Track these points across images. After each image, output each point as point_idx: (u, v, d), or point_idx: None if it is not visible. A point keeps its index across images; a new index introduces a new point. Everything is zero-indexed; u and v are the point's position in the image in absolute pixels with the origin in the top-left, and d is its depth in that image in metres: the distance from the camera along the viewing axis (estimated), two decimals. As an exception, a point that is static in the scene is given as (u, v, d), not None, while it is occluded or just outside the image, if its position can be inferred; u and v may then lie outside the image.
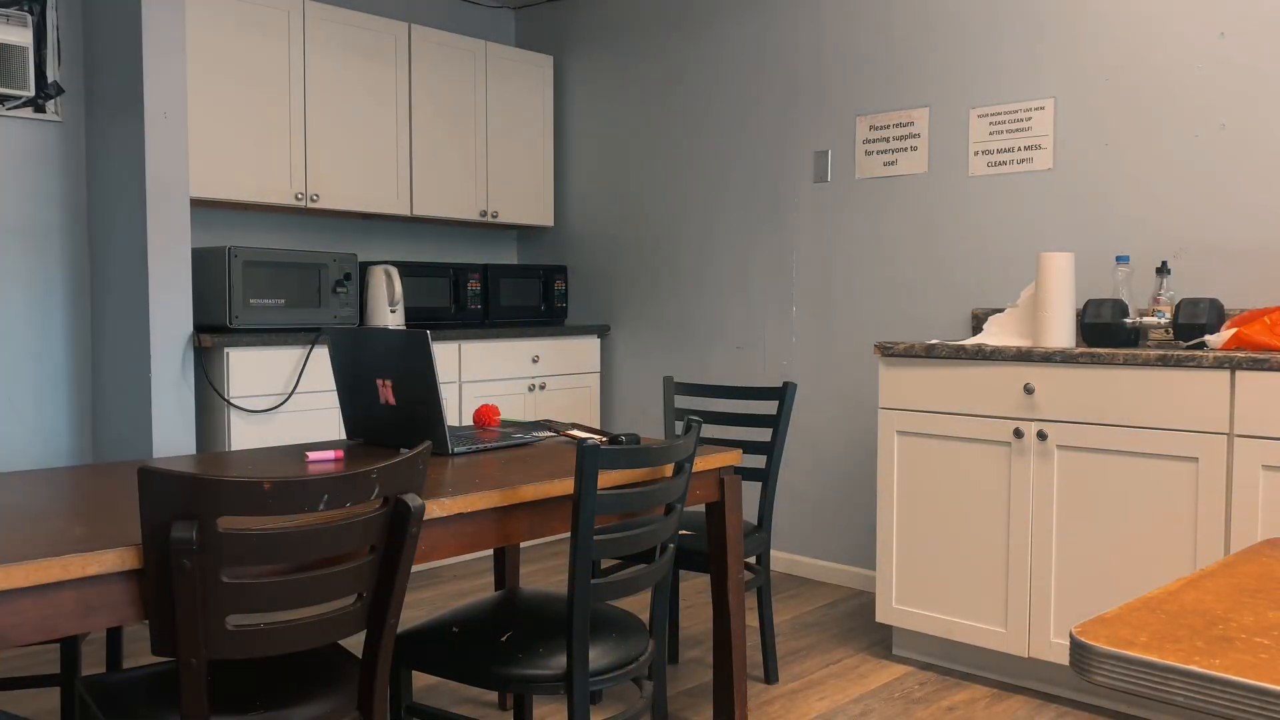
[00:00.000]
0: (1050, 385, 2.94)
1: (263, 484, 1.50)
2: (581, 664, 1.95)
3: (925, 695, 3.04)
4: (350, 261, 4.11)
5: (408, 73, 4.49)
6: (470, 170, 4.75)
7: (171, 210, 3.61)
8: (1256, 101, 3.19)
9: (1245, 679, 0.88)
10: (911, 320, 3.97)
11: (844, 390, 4.17)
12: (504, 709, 2.96)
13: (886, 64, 4.00)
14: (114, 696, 1.74)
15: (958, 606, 3.15)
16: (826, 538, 4.24)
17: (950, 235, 3.85)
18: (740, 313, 4.49)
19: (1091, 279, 3.51)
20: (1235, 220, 3.23)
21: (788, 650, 3.43)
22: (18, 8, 3.70)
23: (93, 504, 1.81)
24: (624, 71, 4.88)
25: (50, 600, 1.45)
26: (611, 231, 4.97)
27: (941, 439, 3.17)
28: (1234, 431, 2.66)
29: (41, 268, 3.81)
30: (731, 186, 4.50)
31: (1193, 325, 2.93)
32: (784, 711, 2.93)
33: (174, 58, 3.62)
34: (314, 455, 2.26)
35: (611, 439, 2.36)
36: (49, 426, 3.85)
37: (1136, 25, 3.41)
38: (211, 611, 1.52)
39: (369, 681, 1.73)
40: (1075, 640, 0.98)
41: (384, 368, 2.36)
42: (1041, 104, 3.60)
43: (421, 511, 1.67)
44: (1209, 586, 1.16)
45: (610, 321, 5.00)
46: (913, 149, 3.93)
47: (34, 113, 3.76)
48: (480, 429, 2.71)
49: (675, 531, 2.20)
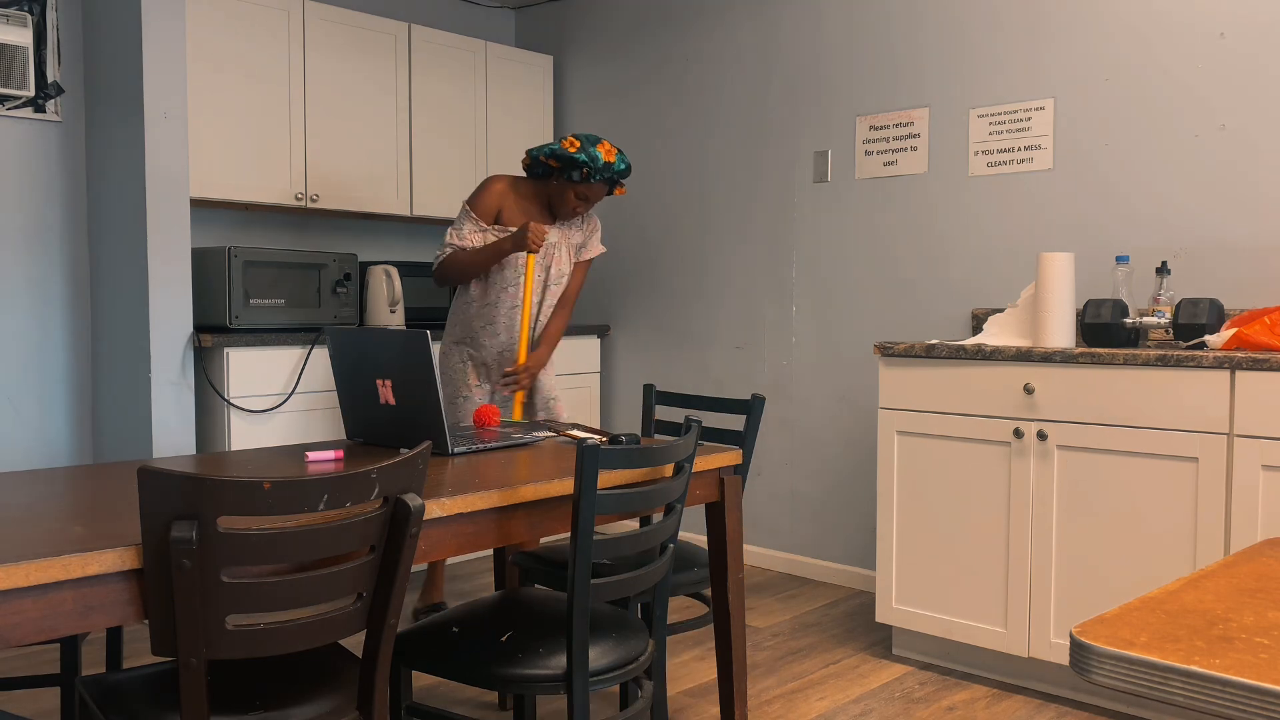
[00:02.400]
0: (1050, 385, 2.94)
1: (263, 484, 1.50)
2: (581, 664, 1.95)
3: (925, 695, 3.04)
4: (350, 261, 4.11)
5: (408, 73, 4.49)
6: (470, 170, 4.75)
7: (171, 210, 3.61)
8: (1256, 101, 3.19)
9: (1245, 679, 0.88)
10: (911, 320, 3.97)
11: (844, 390, 4.17)
12: (504, 709, 2.96)
13: (886, 64, 4.00)
14: (114, 696, 1.74)
15: (958, 606, 3.15)
16: (826, 538, 4.24)
17: (950, 235, 3.85)
18: (740, 313, 4.49)
19: (1091, 279, 3.51)
20: (1235, 220, 3.24)
21: (788, 650, 3.43)
22: (18, 8, 3.70)
23: (93, 504, 1.81)
24: (624, 71, 4.88)
25: (50, 600, 1.45)
26: (611, 231, 4.97)
27: (941, 439, 3.17)
28: (1234, 431, 2.66)
29: (42, 267, 3.81)
30: (731, 186, 4.50)
31: (1193, 325, 2.93)
32: (784, 711, 2.93)
33: (174, 58, 3.62)
34: (314, 455, 2.26)
35: (611, 439, 2.36)
36: (49, 426, 3.85)
37: (1136, 25, 3.41)
38: (211, 611, 1.52)
39: (369, 681, 1.73)
40: (1075, 640, 0.98)
41: (384, 368, 2.36)
42: (1041, 104, 3.60)
43: (421, 511, 1.67)
44: (1209, 586, 1.16)
45: (610, 321, 5.00)
46: (912, 149, 3.93)
47: (34, 113, 3.76)
48: (480, 429, 2.71)
49: (675, 531, 2.20)
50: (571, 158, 3.31)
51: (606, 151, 3.33)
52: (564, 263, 3.49)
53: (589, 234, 3.56)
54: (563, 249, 3.48)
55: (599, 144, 3.33)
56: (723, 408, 2.98)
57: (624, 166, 3.37)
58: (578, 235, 3.53)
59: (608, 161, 3.33)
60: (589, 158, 3.30)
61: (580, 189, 3.38)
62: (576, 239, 3.53)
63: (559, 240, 3.47)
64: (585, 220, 3.55)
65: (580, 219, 3.54)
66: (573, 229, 3.52)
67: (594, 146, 3.32)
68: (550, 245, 3.45)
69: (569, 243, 3.50)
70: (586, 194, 3.39)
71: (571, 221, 3.52)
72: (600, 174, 3.33)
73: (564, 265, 3.49)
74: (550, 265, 3.46)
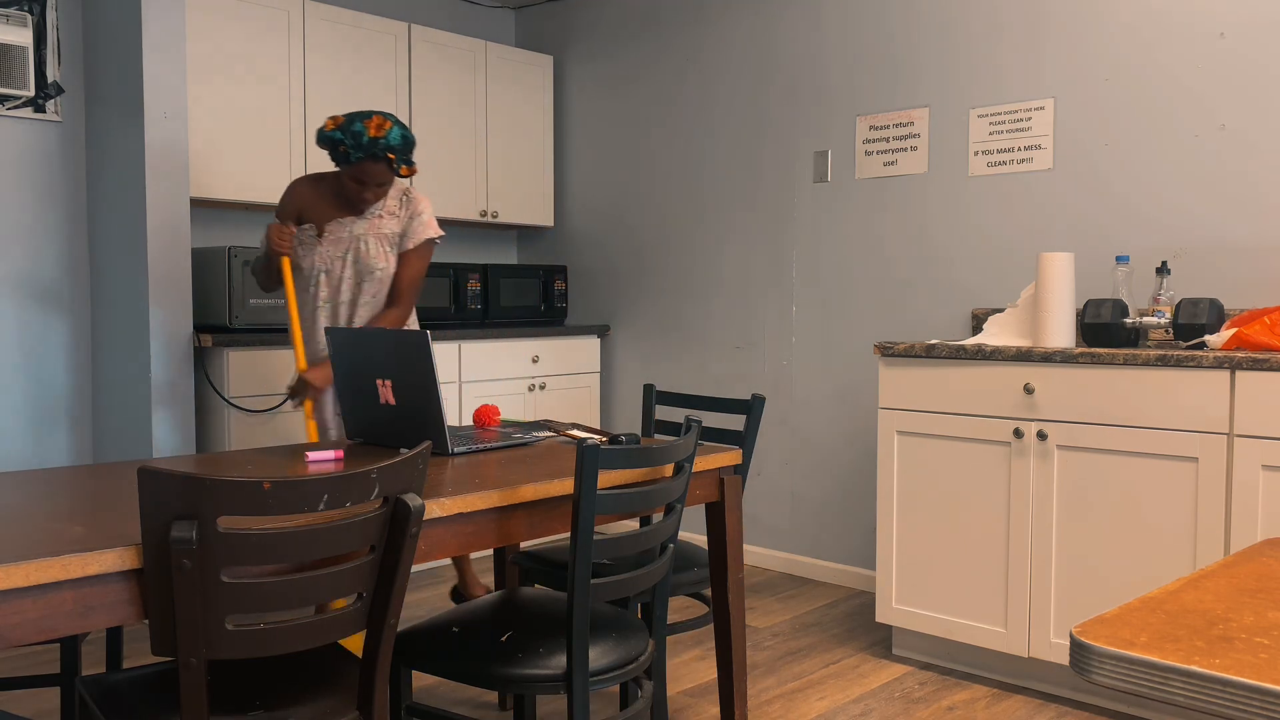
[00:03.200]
0: (1050, 385, 2.94)
1: (263, 484, 1.50)
2: (581, 664, 1.95)
3: (925, 695, 3.04)
4: (350, 261, 4.11)
5: (408, 73, 4.49)
6: (470, 170, 4.75)
7: (171, 210, 3.61)
8: (1256, 101, 3.19)
9: (1245, 679, 0.88)
10: (911, 320, 3.97)
11: (844, 390, 4.17)
12: (504, 709, 2.96)
13: (886, 64, 4.00)
14: (114, 696, 1.74)
15: (958, 606, 3.15)
16: (826, 538, 4.24)
17: (950, 235, 3.85)
18: (740, 313, 4.49)
19: (1091, 279, 3.51)
20: (1235, 220, 3.24)
21: (788, 650, 3.43)
22: (18, 8, 3.70)
23: (93, 504, 1.81)
24: (624, 71, 4.88)
25: (50, 600, 1.45)
26: (611, 231, 4.97)
27: (941, 439, 3.17)
28: (1234, 431, 2.66)
29: (41, 268, 3.81)
30: (731, 186, 4.50)
31: (1193, 325, 2.93)
32: (784, 711, 2.93)
33: (174, 58, 3.62)
34: (314, 455, 2.26)
35: (611, 439, 2.36)
36: (49, 426, 3.85)
37: (1136, 25, 3.41)
38: (211, 611, 1.52)
39: (369, 681, 1.73)
40: (1075, 640, 0.98)
41: (384, 368, 2.36)
42: (1041, 104, 3.60)
43: (421, 511, 1.67)
44: (1209, 586, 1.16)
45: (610, 322, 5.00)
46: (912, 149, 3.93)
47: (34, 113, 3.76)
48: (480, 429, 2.71)
49: (675, 531, 2.20)
50: (329, 137, 2.97)
51: (376, 126, 2.93)
52: (375, 256, 3.10)
53: (408, 220, 3.15)
54: (369, 241, 3.10)
55: (369, 119, 2.94)
56: (723, 408, 2.98)
57: (398, 141, 2.96)
58: (393, 224, 3.13)
59: (373, 137, 2.92)
60: (344, 135, 2.94)
61: (351, 171, 3.00)
62: (391, 228, 3.13)
63: (365, 231, 3.10)
64: (404, 206, 3.15)
65: (400, 206, 3.15)
66: (386, 218, 3.13)
67: (359, 122, 2.94)
68: (354, 237, 3.09)
69: (379, 233, 3.11)
70: (359, 176, 3.00)
71: (378, 208, 3.13)
72: (362, 151, 2.94)
73: (375, 259, 3.10)
74: (355, 259, 3.10)
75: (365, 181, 3.01)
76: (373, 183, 3.02)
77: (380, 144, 2.94)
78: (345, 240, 3.11)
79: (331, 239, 3.11)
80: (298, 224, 3.15)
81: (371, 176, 3.00)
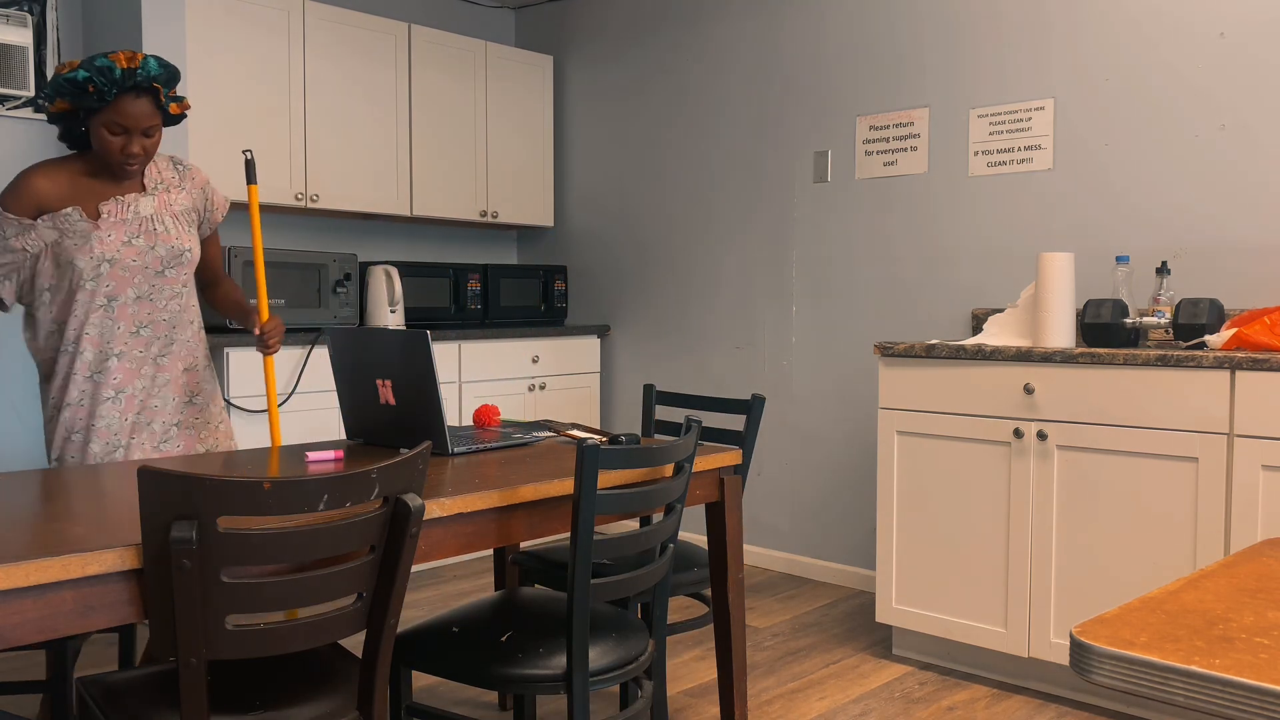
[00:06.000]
0: (1050, 385, 2.94)
1: (263, 484, 1.50)
2: (581, 664, 1.95)
3: (925, 695, 3.04)
4: (350, 261, 4.11)
5: (407, 73, 4.49)
6: (470, 170, 4.75)
7: (171, 210, 3.60)
8: (1257, 101, 3.19)
9: (1245, 679, 0.88)
10: (911, 320, 3.97)
11: (844, 390, 4.17)
12: (504, 709, 2.96)
13: (886, 64, 4.00)
14: (114, 696, 1.74)
15: (957, 606, 3.15)
16: (826, 538, 4.24)
17: (950, 235, 3.85)
18: (740, 313, 4.49)
19: (1091, 279, 3.51)
20: (1235, 220, 3.24)
21: (788, 650, 3.43)
22: (18, 8, 3.70)
23: (92, 504, 1.81)
24: (624, 71, 4.88)
25: (50, 600, 1.45)
26: (611, 231, 4.97)
27: (941, 439, 3.17)
28: (1234, 431, 2.66)
29: (41, 268, 3.81)
30: (732, 186, 4.50)
31: (1193, 325, 2.93)
32: (784, 711, 2.93)
33: (174, 58, 3.62)
34: (314, 455, 2.26)
35: (611, 439, 2.36)
36: (49, 426, 3.84)
37: (1136, 25, 3.41)
38: (211, 611, 1.52)
39: (369, 681, 1.73)
40: (1075, 640, 0.98)
41: (384, 368, 2.36)
42: (1041, 104, 3.60)
43: (421, 511, 1.67)
44: (1209, 586, 1.16)
45: (610, 322, 5.00)
46: (913, 149, 3.93)
47: (34, 113, 3.76)
48: (480, 429, 2.71)
49: (675, 531, 2.20)
50: (68, 80, 2.37)
51: (127, 58, 2.37)
52: (178, 237, 2.57)
53: (200, 196, 2.67)
54: (166, 220, 2.55)
55: (113, 54, 2.38)
56: (723, 408, 2.98)
57: (157, 69, 2.41)
58: (182, 197, 2.62)
59: (127, 68, 2.36)
60: (91, 71, 2.35)
61: (108, 118, 2.40)
62: (182, 202, 2.61)
63: (157, 209, 2.55)
64: (184, 177, 2.64)
65: (179, 177, 2.64)
66: (172, 190, 2.60)
67: (102, 57, 2.37)
68: (143, 218, 2.52)
69: (172, 210, 2.58)
70: (121, 122, 2.40)
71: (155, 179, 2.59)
72: (120, 85, 2.37)
73: (180, 240, 2.57)
74: (153, 244, 2.53)
75: (130, 128, 2.42)
76: (138, 129, 2.42)
77: (139, 74, 2.38)
78: (132, 222, 2.51)
79: (113, 221, 2.48)
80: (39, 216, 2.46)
81: (136, 120, 2.41)
